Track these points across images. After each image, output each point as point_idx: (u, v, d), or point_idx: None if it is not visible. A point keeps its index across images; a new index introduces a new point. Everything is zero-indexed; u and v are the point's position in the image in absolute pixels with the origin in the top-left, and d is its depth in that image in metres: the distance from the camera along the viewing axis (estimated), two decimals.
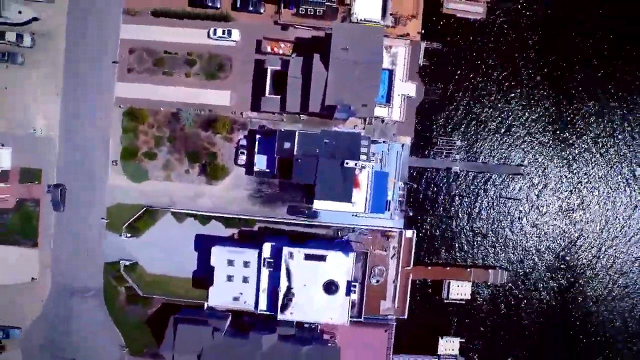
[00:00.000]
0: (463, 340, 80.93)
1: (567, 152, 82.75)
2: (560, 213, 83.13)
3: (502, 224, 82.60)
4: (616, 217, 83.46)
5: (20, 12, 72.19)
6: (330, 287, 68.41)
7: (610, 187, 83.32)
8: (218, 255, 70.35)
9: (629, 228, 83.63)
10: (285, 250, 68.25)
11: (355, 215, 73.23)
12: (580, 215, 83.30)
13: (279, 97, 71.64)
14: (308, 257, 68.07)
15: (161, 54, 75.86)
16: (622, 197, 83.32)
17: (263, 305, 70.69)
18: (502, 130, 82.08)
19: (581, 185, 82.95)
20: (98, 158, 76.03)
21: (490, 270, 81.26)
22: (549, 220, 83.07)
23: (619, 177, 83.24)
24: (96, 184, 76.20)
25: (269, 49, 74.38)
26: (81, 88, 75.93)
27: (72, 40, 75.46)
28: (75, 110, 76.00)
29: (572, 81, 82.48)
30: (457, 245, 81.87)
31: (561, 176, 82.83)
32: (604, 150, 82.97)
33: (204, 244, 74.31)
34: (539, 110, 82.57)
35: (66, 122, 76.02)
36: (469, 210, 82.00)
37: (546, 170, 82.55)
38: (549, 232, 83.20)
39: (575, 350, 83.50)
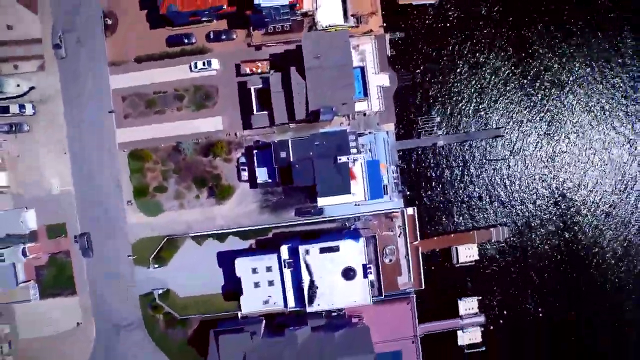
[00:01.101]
0: (480, 298, 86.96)
1: (539, 106, 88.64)
2: (544, 162, 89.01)
3: (494, 184, 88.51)
4: (595, 155, 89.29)
5: (18, 85, 78.77)
6: (348, 273, 74.56)
7: (583, 130, 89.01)
8: (242, 266, 76.46)
9: (609, 164, 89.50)
10: (301, 248, 74.43)
11: (358, 205, 79.22)
12: (562, 160, 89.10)
13: (266, 112, 77.89)
14: (323, 250, 74.28)
15: (151, 95, 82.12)
16: (595, 136, 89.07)
17: (291, 302, 76.80)
18: (476, 98, 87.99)
19: (557, 133, 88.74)
20: (114, 201, 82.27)
21: (491, 229, 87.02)
22: (535, 170, 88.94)
23: (590, 118, 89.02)
24: (117, 226, 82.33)
25: (248, 71, 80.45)
26: (85, 142, 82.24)
27: (69, 101, 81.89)
28: (83, 163, 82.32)
29: (530, 39, 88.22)
30: (456, 213, 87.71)
31: (537, 128, 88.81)
32: (572, 96, 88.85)
33: (226, 260, 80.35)
34: (505, 72, 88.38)
35: (78, 175, 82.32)
36: (461, 178, 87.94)
37: (523, 127, 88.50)
38: (537, 182, 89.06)
39: (581, 281, 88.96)
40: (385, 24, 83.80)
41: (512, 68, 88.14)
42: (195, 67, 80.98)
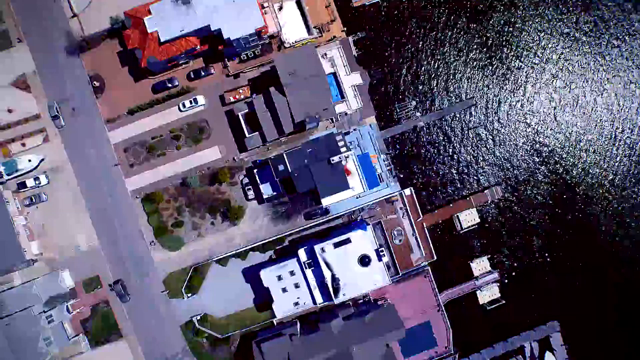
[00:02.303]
0: (489, 256, 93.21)
1: (503, 69, 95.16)
2: (518, 119, 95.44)
3: (478, 149, 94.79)
4: (563, 107, 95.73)
5: (30, 160, 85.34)
6: (364, 260, 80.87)
7: (548, 84, 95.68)
8: (267, 277, 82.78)
9: (576, 112, 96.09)
10: (317, 248, 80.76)
11: (358, 197, 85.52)
12: (533, 115, 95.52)
13: (257, 132, 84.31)
14: (336, 245, 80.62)
15: (150, 141, 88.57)
16: (561, 90, 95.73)
17: (319, 299, 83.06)
18: (443, 76, 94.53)
19: (524, 92, 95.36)
20: (138, 245, 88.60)
21: (486, 191, 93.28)
22: (512, 128, 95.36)
23: (552, 75, 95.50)
24: (146, 266, 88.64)
25: (232, 99, 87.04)
26: (100, 197, 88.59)
27: (77, 163, 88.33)
28: (103, 216, 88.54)
29: (486, 12, 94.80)
30: (450, 184, 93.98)
31: (506, 90, 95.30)
32: (532, 55, 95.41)
33: (251, 274, 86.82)
34: (467, 44, 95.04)
35: (101, 229, 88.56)
36: (447, 151, 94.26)
37: (493, 91, 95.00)
38: (517, 138, 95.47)
39: (575, 218, 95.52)
40: (346, 28, 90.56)
41: (472, 39, 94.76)
42: (184, 106, 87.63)
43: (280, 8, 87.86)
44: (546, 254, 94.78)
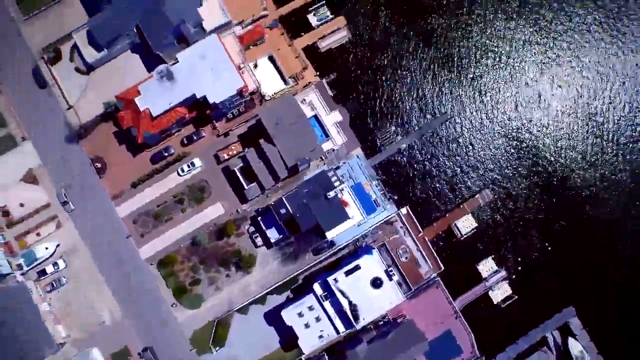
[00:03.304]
0: (493, 256, 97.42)
1: (467, 79, 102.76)
2: (490, 123, 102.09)
3: (461, 158, 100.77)
4: (528, 105, 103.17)
5: (46, 248, 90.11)
6: (376, 283, 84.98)
7: (510, 85, 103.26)
8: (289, 316, 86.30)
9: (540, 106, 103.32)
10: (330, 279, 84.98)
11: (359, 224, 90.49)
12: (505, 116, 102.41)
13: (255, 183, 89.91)
14: (347, 273, 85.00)
15: (155, 209, 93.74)
16: (523, 88, 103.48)
17: (341, 327, 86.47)
18: (414, 97, 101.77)
19: (490, 97, 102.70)
20: (160, 310, 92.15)
21: (477, 196, 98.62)
22: (487, 132, 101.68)
23: (511, 76, 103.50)
24: (171, 328, 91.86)
25: (226, 157, 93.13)
26: (117, 271, 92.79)
27: (90, 243, 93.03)
28: (123, 289, 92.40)
29: (436, 31, 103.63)
30: (442, 195, 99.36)
31: (474, 98, 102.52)
32: (489, 62, 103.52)
33: (273, 317, 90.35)
34: (429, 65, 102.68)
35: (123, 301, 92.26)
36: (433, 165, 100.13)
37: (463, 102, 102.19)
38: (493, 141, 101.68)
39: (564, 203, 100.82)
40: (318, 72, 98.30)
41: (433, 60, 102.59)
42: (182, 171, 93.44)
43: (255, 66, 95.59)
44: (546, 243, 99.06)
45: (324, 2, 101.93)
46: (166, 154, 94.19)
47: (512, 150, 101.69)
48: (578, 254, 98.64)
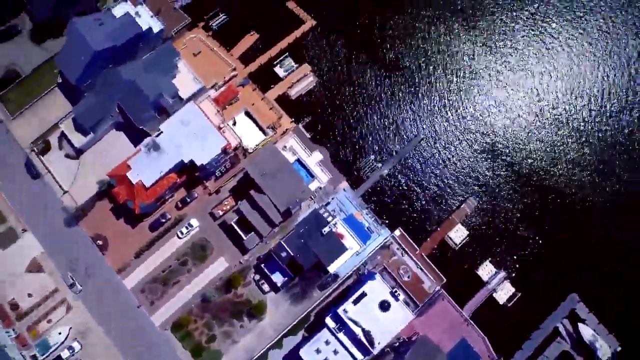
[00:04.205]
0: (490, 258, 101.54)
1: (430, 99, 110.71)
2: (462, 135, 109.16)
3: (440, 172, 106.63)
4: (491, 113, 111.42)
5: (60, 333, 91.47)
6: (384, 306, 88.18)
7: (470, 97, 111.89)
8: (307, 355, 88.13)
9: (503, 110, 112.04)
10: (340, 311, 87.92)
11: (358, 253, 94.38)
12: (472, 126, 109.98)
13: (252, 232, 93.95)
14: (355, 302, 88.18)
15: (161, 275, 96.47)
16: (484, 99, 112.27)
17: (359, 356, 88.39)
18: (387, 124, 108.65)
19: (454, 111, 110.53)
20: None
21: (463, 205, 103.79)
22: (459, 143, 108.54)
23: (471, 90, 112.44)
24: None
25: (220, 213, 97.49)
26: (133, 342, 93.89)
27: (102, 320, 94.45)
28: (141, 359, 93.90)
29: (393, 58, 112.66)
30: (430, 211, 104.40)
31: (441, 115, 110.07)
32: (448, 80, 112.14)
33: (292, 358, 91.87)
34: (393, 92, 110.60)
35: None
36: (416, 185, 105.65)
37: (431, 121, 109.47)
38: (466, 150, 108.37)
39: (547, 197, 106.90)
40: (293, 118, 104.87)
41: (396, 85, 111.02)
42: (182, 233, 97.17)
43: (234, 123, 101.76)
44: (537, 237, 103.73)
45: (287, 54, 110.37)
46: (164, 220, 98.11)
47: (486, 156, 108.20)
48: (567, 240, 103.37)
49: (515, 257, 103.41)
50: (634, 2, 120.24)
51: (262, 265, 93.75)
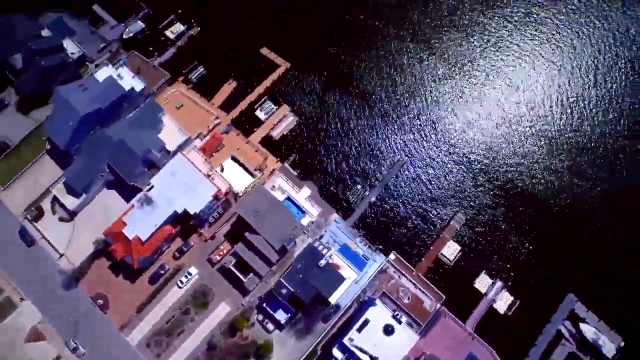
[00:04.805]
0: (485, 270, 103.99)
1: (406, 123, 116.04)
2: (440, 154, 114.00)
3: (426, 193, 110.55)
4: (464, 130, 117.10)
5: None
6: (388, 330, 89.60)
7: (443, 118, 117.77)
8: None
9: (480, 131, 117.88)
10: (345, 340, 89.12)
11: (356, 282, 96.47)
12: (449, 145, 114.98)
13: (251, 273, 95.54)
14: (359, 329, 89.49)
15: (165, 326, 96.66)
16: (455, 118, 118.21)
17: None
18: (368, 152, 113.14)
19: (430, 132, 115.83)
20: None
21: (451, 222, 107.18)
22: (441, 161, 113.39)
23: (442, 111, 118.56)
24: None
25: (218, 258, 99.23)
26: None
27: None
28: None
29: (370, 91, 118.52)
30: (421, 231, 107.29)
31: (419, 138, 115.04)
32: (420, 103, 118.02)
33: None
34: (370, 121, 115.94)
35: None
36: (404, 208, 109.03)
37: (410, 145, 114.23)
38: (448, 168, 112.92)
39: (529, 202, 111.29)
40: (278, 158, 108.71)
41: (371, 115, 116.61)
42: (182, 283, 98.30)
43: (222, 169, 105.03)
44: (526, 243, 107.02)
45: (266, 97, 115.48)
46: (162, 272, 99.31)
47: (467, 171, 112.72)
48: (555, 243, 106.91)
49: (508, 265, 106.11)
50: (590, 18, 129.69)
51: (264, 304, 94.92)
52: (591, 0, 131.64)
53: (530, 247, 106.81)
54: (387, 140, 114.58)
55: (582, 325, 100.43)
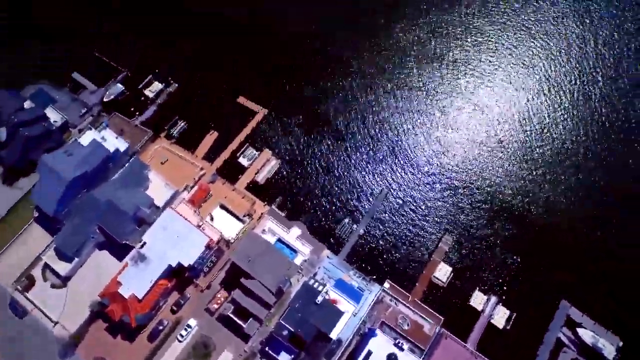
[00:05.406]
0: (479, 287, 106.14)
1: (383, 154, 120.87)
2: (420, 180, 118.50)
3: (412, 219, 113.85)
4: (437, 156, 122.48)
5: None
6: (391, 359, 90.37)
7: (416, 146, 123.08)
8: None
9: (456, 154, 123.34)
10: None
11: (355, 314, 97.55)
12: (427, 171, 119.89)
13: (251, 318, 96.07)
14: None
15: None
16: (428, 145, 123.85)
17: None
18: (351, 187, 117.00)
19: (407, 161, 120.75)
20: None
21: (440, 244, 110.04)
22: (422, 188, 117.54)
23: (417, 139, 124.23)
24: None
25: (216, 306, 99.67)
26: None
27: None
28: None
29: (345, 127, 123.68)
30: (411, 256, 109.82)
31: (396, 167, 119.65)
32: (393, 135, 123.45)
33: None
34: (349, 155, 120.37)
35: None
36: (392, 236, 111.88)
37: (390, 175, 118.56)
38: (430, 193, 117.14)
39: (513, 216, 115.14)
40: (266, 202, 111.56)
41: (349, 149, 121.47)
42: (182, 336, 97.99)
43: (212, 218, 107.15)
44: (514, 257, 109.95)
45: (247, 144, 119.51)
46: (161, 327, 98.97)
47: (448, 194, 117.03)
48: (539, 250, 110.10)
49: (500, 279, 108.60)
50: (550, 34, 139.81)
51: (267, 348, 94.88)
52: (545, 21, 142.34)
53: (518, 259, 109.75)
54: (367, 173, 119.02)
55: (580, 330, 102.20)
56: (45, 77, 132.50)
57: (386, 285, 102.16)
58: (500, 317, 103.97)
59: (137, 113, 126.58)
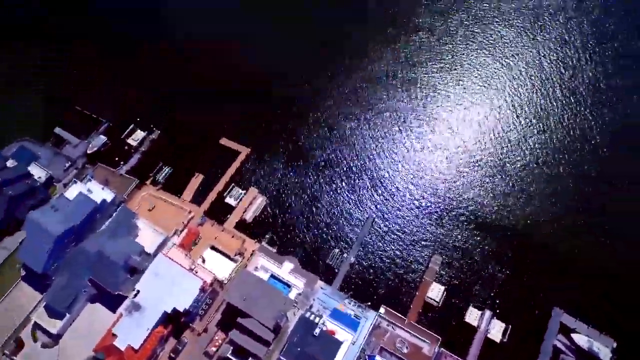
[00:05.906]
0: (473, 304, 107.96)
1: (367, 181, 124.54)
2: (405, 203, 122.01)
3: (400, 242, 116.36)
4: (419, 178, 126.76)
5: None
6: None
7: (399, 170, 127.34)
8: None
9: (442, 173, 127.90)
10: None
11: (353, 343, 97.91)
12: (410, 194, 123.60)
13: (250, 358, 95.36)
14: None
15: None
16: (407, 169, 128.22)
17: None
18: (337, 216, 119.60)
19: (391, 186, 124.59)
20: None
21: (430, 265, 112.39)
22: (408, 211, 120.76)
23: (397, 163, 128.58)
24: None
25: (214, 349, 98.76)
26: None
27: None
28: None
29: (326, 158, 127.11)
30: (403, 279, 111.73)
31: (381, 193, 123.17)
32: (375, 161, 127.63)
33: None
34: (333, 185, 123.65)
35: None
36: (383, 261, 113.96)
37: (375, 201, 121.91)
38: (415, 215, 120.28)
39: (497, 229, 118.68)
40: (255, 239, 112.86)
41: (332, 178, 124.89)
42: None
43: (203, 260, 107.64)
44: (502, 268, 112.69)
45: (233, 184, 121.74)
46: (159, 350, 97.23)
47: (431, 215, 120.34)
48: (527, 261, 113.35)
49: (492, 293, 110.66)
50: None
51: None
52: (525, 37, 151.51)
53: (507, 271, 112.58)
54: (351, 203, 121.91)
55: (575, 336, 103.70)
56: (27, 133, 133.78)
57: (382, 310, 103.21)
58: (497, 331, 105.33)
59: (122, 162, 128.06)
